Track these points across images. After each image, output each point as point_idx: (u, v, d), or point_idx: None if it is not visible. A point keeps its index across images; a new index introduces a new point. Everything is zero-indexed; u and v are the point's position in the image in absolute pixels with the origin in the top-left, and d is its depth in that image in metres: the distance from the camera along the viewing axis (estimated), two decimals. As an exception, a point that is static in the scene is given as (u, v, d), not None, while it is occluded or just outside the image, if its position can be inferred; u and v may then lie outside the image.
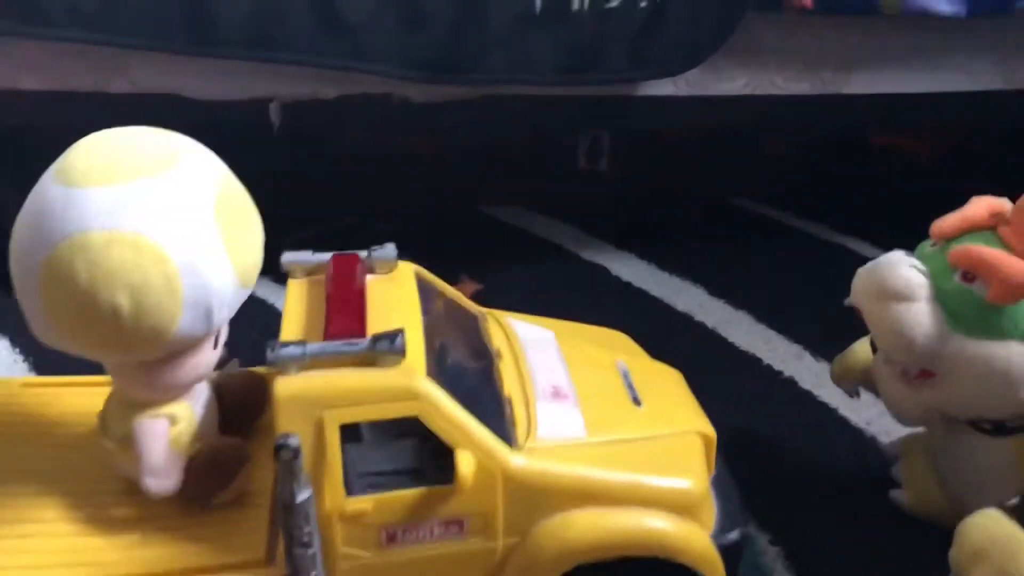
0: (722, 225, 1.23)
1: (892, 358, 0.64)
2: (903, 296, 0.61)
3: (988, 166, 1.30)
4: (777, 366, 0.93)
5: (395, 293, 0.63)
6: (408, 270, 0.66)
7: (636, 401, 0.65)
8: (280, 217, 1.19)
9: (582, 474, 0.58)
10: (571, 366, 0.66)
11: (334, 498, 0.55)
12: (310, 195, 1.22)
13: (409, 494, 0.56)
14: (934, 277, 0.62)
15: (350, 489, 0.56)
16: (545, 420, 0.60)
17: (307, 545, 0.53)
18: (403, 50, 0.88)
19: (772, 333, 0.98)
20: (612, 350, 0.70)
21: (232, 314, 0.57)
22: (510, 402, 0.61)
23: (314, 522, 0.54)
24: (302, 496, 0.53)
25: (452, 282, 1.08)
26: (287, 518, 0.53)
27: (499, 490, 0.57)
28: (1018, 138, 1.27)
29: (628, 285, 1.08)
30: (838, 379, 0.75)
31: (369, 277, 0.64)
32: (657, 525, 0.58)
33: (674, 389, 0.69)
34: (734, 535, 0.62)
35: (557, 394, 0.63)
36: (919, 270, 0.62)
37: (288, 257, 0.64)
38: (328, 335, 0.56)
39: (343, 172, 1.26)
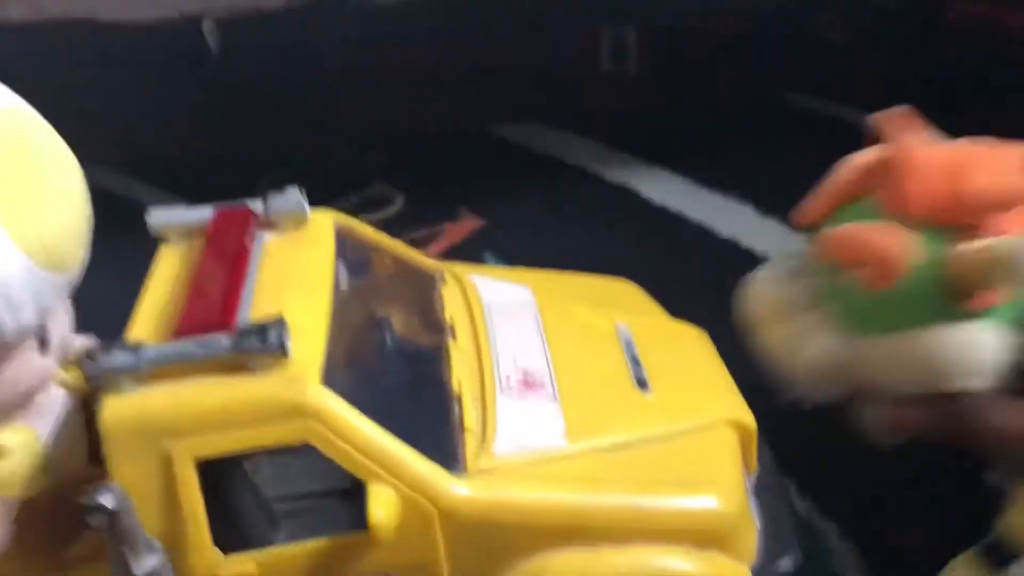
0: (773, 128, 1.02)
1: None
2: (770, 318, 0.48)
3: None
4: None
5: (301, 261, 0.45)
6: (325, 224, 0.48)
7: (642, 383, 0.46)
8: (250, 156, 1.05)
9: (559, 502, 0.40)
10: (552, 338, 0.48)
11: (202, 559, 0.39)
12: (283, 126, 1.05)
13: (311, 548, 0.39)
14: (813, 276, 0.48)
15: (226, 545, 0.39)
16: (507, 425, 0.42)
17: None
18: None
19: (835, 256, 0.79)
20: (612, 308, 0.52)
21: (52, 304, 0.40)
22: (459, 401, 0.43)
23: (172, 597, 0.37)
24: (145, 567, 0.37)
25: (451, 219, 0.93)
26: (130, 597, 0.37)
27: (438, 533, 0.39)
28: None
29: (661, 209, 0.90)
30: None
31: (268, 238, 0.46)
32: (672, 566, 0.40)
33: (697, 360, 0.50)
34: (785, 563, 0.44)
35: (528, 383, 0.45)
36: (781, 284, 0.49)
37: (157, 216, 0.47)
38: (179, 330, 0.39)
39: (320, 96, 1.08)
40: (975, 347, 0.43)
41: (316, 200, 0.96)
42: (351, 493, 0.40)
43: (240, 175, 0.99)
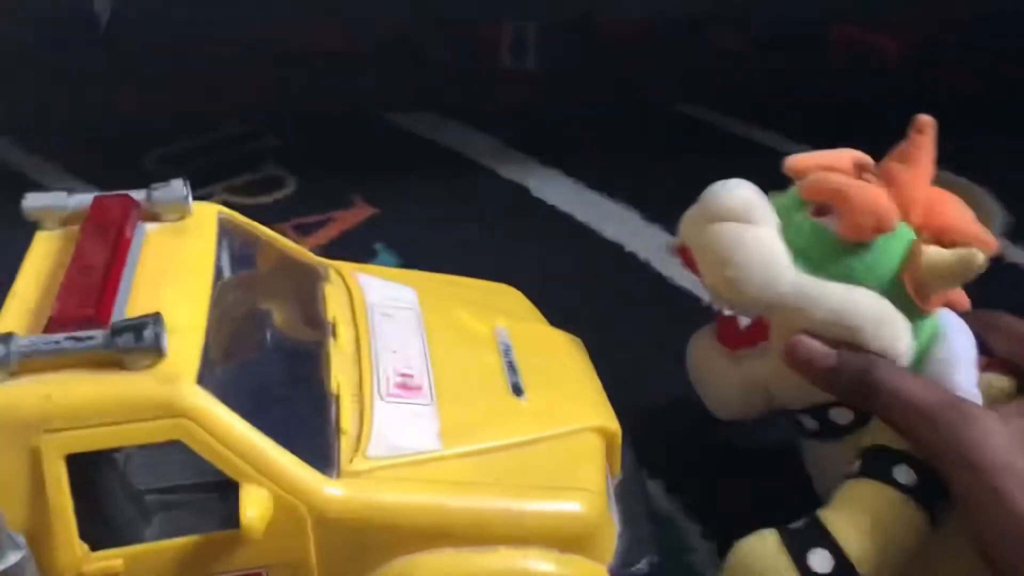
0: (664, 136, 1.05)
1: (720, 303, 0.51)
2: (739, 215, 0.49)
3: (963, 65, 1.13)
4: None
5: (181, 252, 0.45)
6: (208, 216, 0.48)
7: (516, 389, 0.48)
8: (142, 126, 1.02)
9: (429, 504, 0.42)
10: (433, 341, 0.49)
11: (68, 555, 0.38)
12: (180, 99, 1.02)
13: (181, 544, 0.40)
14: (781, 211, 0.50)
15: (94, 541, 0.39)
16: (383, 428, 0.43)
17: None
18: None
19: (715, 267, 0.83)
20: (494, 313, 0.53)
21: None
22: (336, 402, 0.44)
23: (34, 593, 0.37)
24: (7, 563, 0.36)
25: (343, 206, 0.93)
26: (-10, 591, 0.37)
27: (309, 533, 0.40)
28: (995, 34, 1.09)
29: (552, 208, 0.92)
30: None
31: (150, 228, 0.46)
32: (535, 567, 0.42)
33: (570, 367, 0.52)
34: (642, 566, 0.46)
35: (407, 386, 0.46)
36: (756, 193, 0.50)
37: (32, 200, 0.46)
38: (52, 323, 0.39)
39: (216, 72, 1.05)
40: (907, 338, 0.48)
41: (204, 179, 0.94)
42: (226, 488, 0.40)
43: (129, 148, 0.96)
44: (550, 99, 1.10)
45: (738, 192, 0.50)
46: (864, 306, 0.47)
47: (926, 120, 0.50)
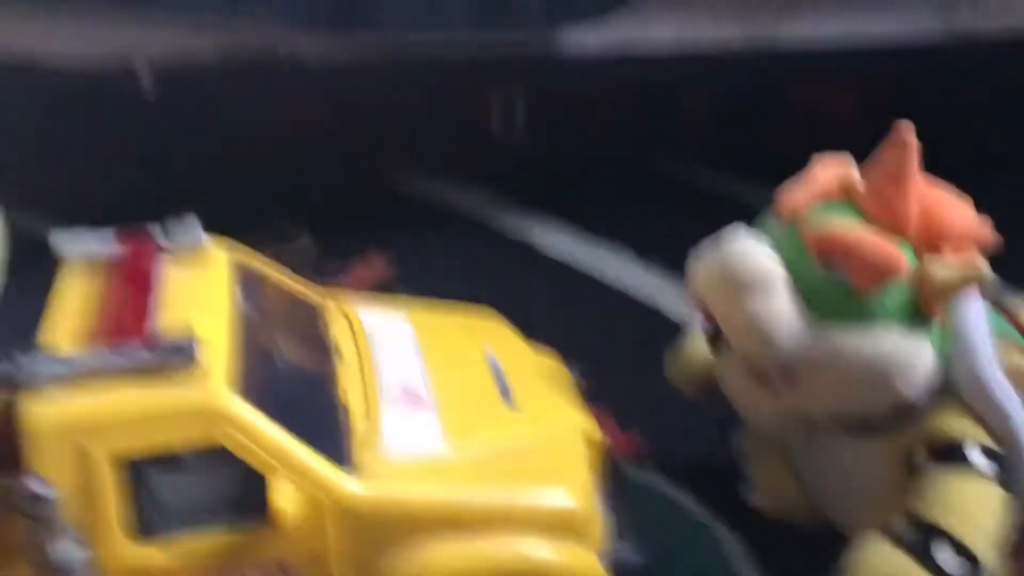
0: (649, 190, 1.16)
1: (750, 359, 0.55)
2: (760, 288, 0.52)
3: (918, 119, 1.25)
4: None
5: (201, 284, 0.52)
6: (221, 254, 0.55)
7: (508, 400, 0.56)
8: (161, 201, 1.08)
9: (439, 497, 0.49)
10: (430, 361, 0.57)
11: (113, 548, 0.45)
12: (194, 173, 1.10)
13: (215, 538, 0.46)
14: (787, 261, 0.54)
15: (137, 535, 0.46)
16: (392, 432, 0.51)
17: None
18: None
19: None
20: (481, 337, 0.61)
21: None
22: (347, 411, 0.51)
23: (86, 583, 0.44)
24: (63, 552, 0.43)
25: (359, 261, 1.00)
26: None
27: (330, 525, 0.47)
28: (949, 89, 1.21)
29: (553, 258, 1.02)
30: (676, 380, 0.68)
31: (168, 262, 0.54)
32: (536, 553, 0.49)
33: (553, 382, 0.60)
34: (628, 554, 0.54)
35: (410, 398, 0.54)
36: (771, 255, 0.54)
37: (61, 238, 0.53)
38: (98, 342, 0.46)
39: (231, 146, 1.14)
40: (924, 357, 0.53)
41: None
42: (255, 493, 0.47)
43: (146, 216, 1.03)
44: (539, 162, 1.19)
45: (758, 264, 0.53)
46: (887, 347, 0.51)
47: (906, 129, 0.52)
